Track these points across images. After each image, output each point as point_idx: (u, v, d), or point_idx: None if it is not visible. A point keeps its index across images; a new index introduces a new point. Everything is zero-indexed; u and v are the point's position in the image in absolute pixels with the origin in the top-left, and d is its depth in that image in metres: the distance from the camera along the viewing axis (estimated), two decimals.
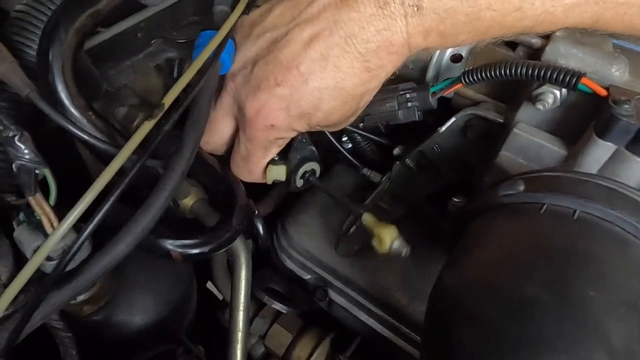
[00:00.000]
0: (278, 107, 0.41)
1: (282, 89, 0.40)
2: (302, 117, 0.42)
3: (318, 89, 0.40)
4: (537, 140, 0.48)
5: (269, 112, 0.41)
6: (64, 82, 0.36)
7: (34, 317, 0.35)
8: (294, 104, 0.41)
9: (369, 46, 0.38)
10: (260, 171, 0.49)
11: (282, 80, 0.40)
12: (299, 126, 0.43)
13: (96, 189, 0.34)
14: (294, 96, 0.40)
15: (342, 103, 0.41)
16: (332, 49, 0.38)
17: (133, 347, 0.56)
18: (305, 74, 0.39)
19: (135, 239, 0.36)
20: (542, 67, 0.43)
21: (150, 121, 0.38)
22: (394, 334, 0.61)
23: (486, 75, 0.46)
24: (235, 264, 0.54)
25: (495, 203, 0.39)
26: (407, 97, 0.51)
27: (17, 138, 0.34)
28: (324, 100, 0.40)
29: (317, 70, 0.39)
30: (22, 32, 0.39)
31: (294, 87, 0.40)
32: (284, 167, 0.49)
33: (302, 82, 0.39)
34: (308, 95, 0.40)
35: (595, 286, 0.30)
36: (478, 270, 0.36)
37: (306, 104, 0.40)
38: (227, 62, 0.46)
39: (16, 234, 0.36)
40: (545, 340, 0.29)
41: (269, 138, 0.44)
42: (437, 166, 0.62)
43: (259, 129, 0.43)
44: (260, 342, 0.68)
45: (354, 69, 0.39)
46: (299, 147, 0.50)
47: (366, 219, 0.48)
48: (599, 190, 0.36)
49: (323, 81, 0.39)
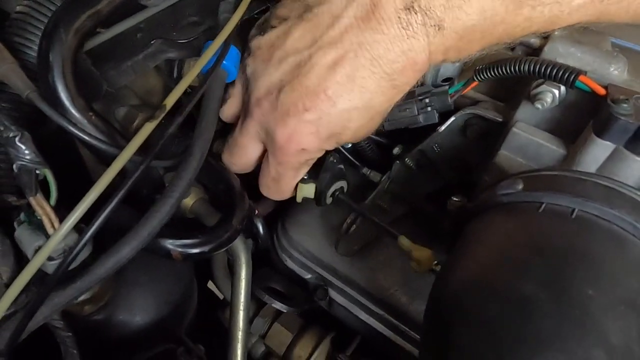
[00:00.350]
0: (308, 132, 0.41)
1: (311, 114, 0.40)
2: (331, 137, 0.42)
3: (347, 110, 0.40)
4: (536, 140, 0.48)
5: (300, 137, 0.42)
6: (64, 83, 0.36)
7: (36, 317, 0.35)
8: (323, 127, 0.41)
9: (395, 67, 0.38)
10: (290, 190, 0.50)
11: (310, 105, 0.40)
12: (328, 146, 0.44)
13: (97, 189, 0.35)
14: (323, 120, 0.40)
15: (369, 120, 0.42)
16: (358, 70, 0.38)
17: (133, 346, 0.56)
18: (333, 98, 0.39)
19: (140, 243, 0.36)
20: (543, 63, 0.43)
21: (152, 122, 0.38)
22: (394, 333, 0.62)
23: (497, 72, 0.47)
24: (235, 264, 0.54)
25: (494, 202, 0.40)
26: (426, 102, 0.53)
27: (17, 139, 0.34)
28: (352, 121, 0.41)
29: (344, 92, 0.39)
30: (23, 33, 0.39)
31: (323, 111, 0.40)
32: (313, 186, 0.51)
33: (331, 106, 0.40)
34: (337, 117, 0.40)
35: (594, 285, 0.31)
36: (476, 270, 0.36)
37: (335, 126, 0.41)
38: (231, 70, 0.46)
39: (17, 234, 0.36)
40: (544, 339, 0.29)
41: (300, 161, 0.45)
42: (436, 165, 0.63)
43: (290, 154, 0.44)
44: (260, 342, 0.69)
45: (381, 88, 0.39)
46: (330, 166, 0.51)
47: (402, 242, 0.49)
48: (597, 189, 0.36)
49: (351, 102, 0.40)
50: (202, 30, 0.53)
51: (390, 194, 0.66)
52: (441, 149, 0.60)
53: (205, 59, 0.43)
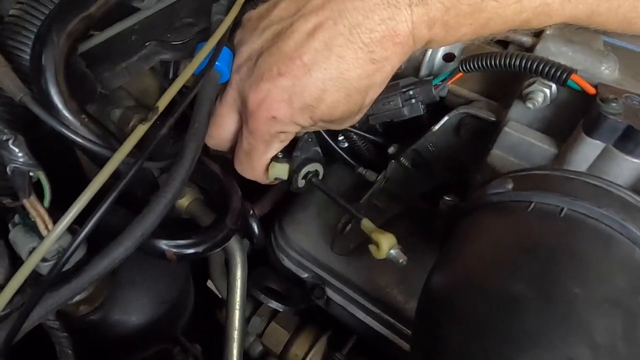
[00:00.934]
0: (280, 99, 0.40)
1: (285, 80, 0.40)
2: (304, 110, 0.41)
3: (321, 79, 0.39)
4: (527, 139, 0.48)
5: (270, 103, 0.41)
6: (57, 86, 0.37)
7: (31, 317, 0.35)
8: (296, 95, 0.40)
9: (374, 36, 0.37)
10: (262, 168, 0.49)
11: (285, 70, 0.39)
12: (301, 119, 0.42)
13: (91, 191, 0.35)
14: (296, 87, 0.40)
15: (346, 96, 0.41)
16: (335, 38, 0.38)
17: (129, 346, 0.56)
18: (308, 64, 0.39)
19: (134, 244, 0.37)
20: (535, 59, 0.43)
21: (145, 124, 0.38)
22: (390, 331, 0.62)
23: (483, 64, 0.46)
24: (230, 263, 0.55)
25: (484, 201, 0.40)
26: (410, 93, 0.52)
27: (10, 142, 0.34)
28: (327, 92, 0.40)
29: (320, 60, 0.39)
30: (16, 37, 0.39)
31: (297, 78, 0.39)
32: (286, 166, 0.49)
33: (305, 73, 0.39)
34: (311, 86, 0.39)
35: (580, 283, 0.31)
36: (466, 268, 0.36)
37: (309, 96, 0.40)
38: (224, 72, 0.47)
39: (11, 236, 0.37)
40: (530, 336, 0.30)
41: (271, 131, 0.44)
42: (431, 165, 0.63)
43: (260, 121, 0.43)
44: (257, 341, 0.69)
45: (358, 60, 0.38)
46: (305, 146, 0.49)
47: (365, 224, 0.48)
48: (586, 188, 0.36)
49: (326, 71, 0.39)
50: (196, 31, 0.53)
51: (386, 194, 0.66)
52: (436, 148, 0.60)
53: (197, 61, 0.43)
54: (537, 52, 0.48)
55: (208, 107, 0.45)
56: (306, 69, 0.39)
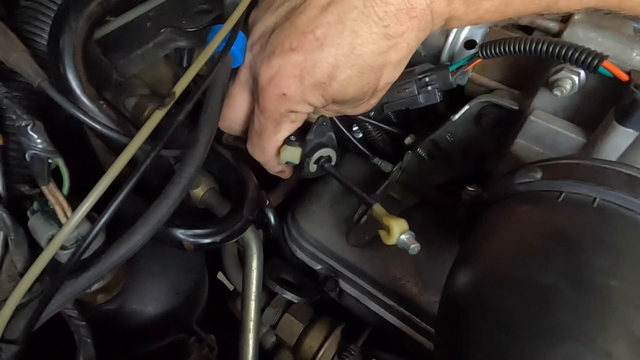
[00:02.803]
0: (291, 74, 0.39)
1: (297, 55, 0.38)
2: (316, 87, 0.40)
3: (334, 54, 0.38)
4: (553, 128, 0.47)
5: (280, 79, 0.40)
6: (75, 71, 0.36)
7: (51, 306, 0.35)
8: (307, 71, 0.39)
9: (389, 9, 0.36)
10: (273, 149, 0.47)
11: (297, 45, 0.38)
12: (312, 98, 0.41)
13: (109, 178, 0.34)
14: (307, 62, 0.38)
15: (359, 73, 0.39)
16: (349, 12, 0.37)
17: (145, 336, 0.56)
18: (320, 39, 0.38)
19: (151, 231, 0.36)
20: (563, 45, 0.41)
21: (162, 110, 0.37)
22: (405, 324, 0.61)
23: (505, 50, 0.44)
24: (246, 254, 0.54)
25: (511, 191, 0.39)
26: (426, 80, 0.50)
27: (29, 127, 0.34)
28: (339, 68, 0.38)
29: (333, 34, 0.37)
30: (33, 21, 0.39)
31: (309, 52, 0.38)
32: (299, 150, 0.47)
33: (317, 47, 0.38)
34: (323, 61, 0.38)
35: (616, 275, 0.30)
36: (494, 259, 0.35)
37: (320, 72, 0.39)
38: (238, 55, 0.46)
39: (30, 224, 0.37)
40: (563, 329, 0.29)
41: (280, 110, 0.42)
42: (449, 155, 0.61)
43: (271, 98, 0.41)
44: (271, 332, 0.69)
45: (372, 35, 0.37)
46: (318, 130, 0.48)
47: (376, 210, 0.47)
48: (619, 178, 0.35)
49: (339, 46, 0.37)
50: (211, 18, 0.52)
51: (402, 185, 0.65)
52: (454, 138, 0.59)
53: (213, 46, 0.42)
54: (564, 38, 0.47)
55: (221, 91, 0.44)
56: (318, 43, 0.38)
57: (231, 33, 0.43)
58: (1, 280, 0.36)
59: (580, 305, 0.29)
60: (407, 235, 0.43)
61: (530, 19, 0.49)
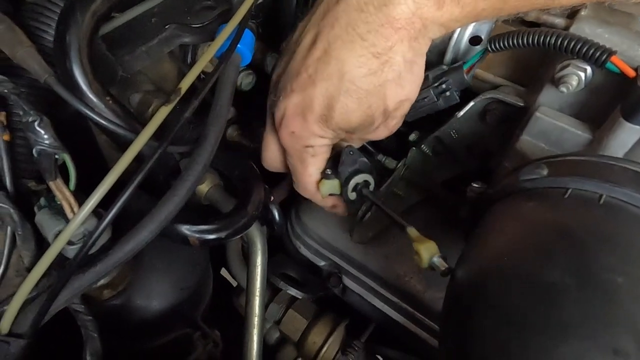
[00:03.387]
0: (294, 113, 0.42)
1: (295, 96, 0.41)
2: (318, 121, 0.42)
3: (325, 87, 0.39)
4: (559, 124, 0.46)
5: (287, 119, 0.42)
6: (81, 67, 0.36)
7: (58, 300, 0.35)
8: (307, 108, 0.41)
9: (370, 27, 0.35)
10: (312, 185, 0.49)
11: (295, 86, 0.41)
12: (319, 131, 0.42)
13: (115, 174, 0.35)
14: (305, 100, 0.40)
15: (356, 99, 0.39)
16: (334, 42, 0.37)
17: (151, 331, 0.57)
18: (312, 75, 0.39)
19: (158, 227, 0.37)
20: (572, 38, 0.41)
21: (167, 106, 0.37)
22: (408, 320, 0.61)
23: (514, 43, 0.44)
24: (250, 250, 0.54)
25: (517, 188, 0.39)
26: (443, 87, 0.50)
27: (37, 123, 0.34)
28: (334, 98, 0.39)
29: (321, 68, 0.39)
30: (39, 17, 0.39)
31: (304, 91, 0.40)
32: (336, 181, 0.49)
33: (311, 84, 0.40)
34: (318, 95, 0.40)
35: (622, 272, 0.30)
36: (498, 255, 0.35)
37: (318, 106, 0.40)
38: (245, 54, 0.46)
39: (37, 219, 0.37)
40: (570, 325, 0.29)
41: (296, 147, 0.45)
42: (453, 152, 0.61)
43: (284, 138, 0.44)
44: (275, 328, 0.69)
45: (359, 58, 0.37)
46: (347, 159, 0.49)
47: (410, 234, 0.47)
48: (625, 175, 0.35)
49: (329, 77, 0.38)
50: (216, 14, 0.52)
51: (406, 181, 0.65)
52: (459, 135, 0.59)
53: (219, 42, 0.43)
54: None
55: (229, 89, 0.45)
56: (311, 80, 0.39)
57: (237, 31, 0.43)
58: (9, 275, 0.37)
59: (586, 302, 0.29)
60: (437, 258, 0.43)
61: (537, 15, 0.49)
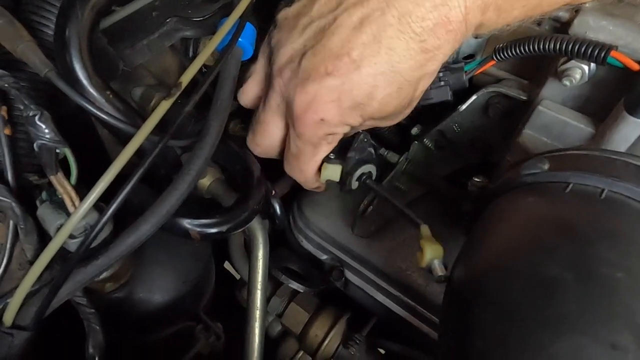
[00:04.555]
0: (329, 99, 0.38)
1: (333, 79, 0.37)
2: (355, 109, 0.39)
3: (372, 75, 0.37)
4: (562, 118, 0.46)
5: (318, 105, 0.39)
6: (82, 61, 0.36)
7: (60, 293, 0.36)
8: (346, 95, 0.38)
9: (425, 24, 0.35)
10: (312, 170, 0.47)
11: (332, 69, 0.37)
12: (351, 119, 0.40)
13: (116, 168, 0.35)
14: (345, 85, 0.38)
15: (397, 89, 0.38)
16: (385, 30, 0.36)
17: (153, 324, 0.57)
18: (357, 60, 0.37)
19: (159, 221, 0.37)
20: (569, 40, 0.41)
21: (168, 100, 0.37)
22: (410, 314, 0.61)
23: (519, 51, 0.45)
24: (252, 244, 0.55)
25: (518, 182, 0.38)
26: (439, 76, 0.49)
27: (37, 117, 0.34)
28: (378, 88, 0.38)
29: (369, 55, 0.36)
30: (39, 12, 0.39)
31: (346, 76, 0.37)
32: (339, 167, 0.47)
33: (354, 69, 0.37)
34: (361, 83, 0.37)
35: (622, 267, 0.30)
36: (498, 250, 0.35)
37: (359, 93, 0.38)
38: (247, 48, 0.45)
39: (39, 213, 0.37)
40: (568, 320, 0.29)
41: (319, 134, 0.42)
42: (455, 146, 0.61)
43: (308, 125, 0.41)
44: (277, 321, 0.69)
45: (409, 51, 0.36)
46: (359, 147, 0.47)
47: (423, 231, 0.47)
48: (628, 169, 0.34)
49: (377, 66, 0.37)
50: (217, 7, 0.52)
51: (408, 175, 0.65)
52: (461, 128, 0.59)
53: (220, 36, 0.42)
54: (574, 27, 0.46)
55: (230, 84, 0.44)
56: (355, 65, 0.37)
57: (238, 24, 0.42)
58: (12, 268, 0.37)
59: (586, 297, 0.29)
60: (438, 262, 0.42)
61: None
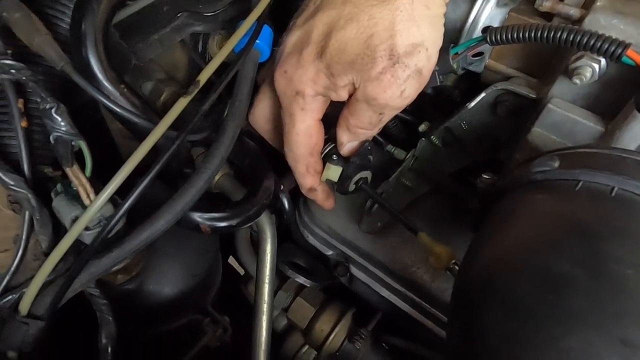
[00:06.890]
0: (292, 51, 0.42)
1: (297, 31, 0.43)
2: (314, 55, 0.41)
3: (327, 14, 0.40)
4: (572, 116, 0.46)
5: (283, 59, 0.43)
6: (97, 55, 0.37)
7: (75, 284, 0.36)
8: (305, 42, 0.41)
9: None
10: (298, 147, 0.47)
11: (298, 21, 0.43)
12: (312, 69, 0.41)
13: (132, 162, 0.35)
14: (306, 32, 0.42)
15: (356, 26, 0.39)
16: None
17: (162, 316, 0.58)
18: (318, 6, 0.41)
19: (174, 217, 0.38)
20: (585, 33, 0.40)
21: (186, 98, 0.38)
22: (415, 310, 0.62)
23: (515, 36, 0.42)
24: (260, 238, 0.55)
25: (528, 180, 0.39)
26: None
27: (54, 110, 0.34)
28: (333, 25, 0.40)
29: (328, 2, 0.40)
30: (55, 5, 0.39)
31: (306, 22, 0.42)
32: (339, 169, 0.50)
33: (313, 14, 0.41)
34: (318, 24, 0.41)
35: (632, 264, 0.30)
36: (507, 247, 0.35)
37: (317, 35, 0.41)
38: (264, 49, 0.46)
39: (54, 204, 0.38)
40: (577, 317, 0.29)
41: (288, 94, 0.43)
42: (463, 143, 0.61)
43: (277, 82, 0.44)
44: (283, 315, 0.70)
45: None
46: (363, 153, 0.50)
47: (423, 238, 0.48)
48: (638, 167, 0.35)
49: (333, 5, 0.40)
50: (228, 2, 0.52)
51: (415, 172, 0.65)
52: (469, 126, 0.59)
53: (237, 37, 0.43)
54: (585, 25, 0.46)
55: (248, 85, 0.45)
56: (315, 10, 0.41)
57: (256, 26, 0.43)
58: (27, 259, 0.38)
59: (595, 293, 0.29)
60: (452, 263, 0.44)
61: (551, 5, 0.48)
